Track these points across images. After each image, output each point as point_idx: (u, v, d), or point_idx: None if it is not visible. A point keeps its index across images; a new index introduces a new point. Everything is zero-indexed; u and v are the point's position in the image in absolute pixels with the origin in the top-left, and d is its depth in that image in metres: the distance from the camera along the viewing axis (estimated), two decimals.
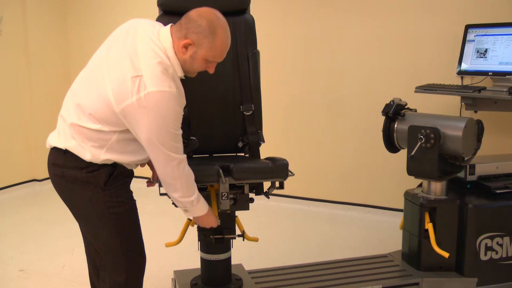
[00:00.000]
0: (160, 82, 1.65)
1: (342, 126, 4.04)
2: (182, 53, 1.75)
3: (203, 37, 1.73)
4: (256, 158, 2.26)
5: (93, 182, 1.76)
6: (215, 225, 2.02)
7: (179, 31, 1.75)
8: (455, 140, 2.43)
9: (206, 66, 1.81)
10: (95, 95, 1.72)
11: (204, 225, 2.00)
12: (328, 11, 3.97)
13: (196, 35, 1.73)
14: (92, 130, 1.72)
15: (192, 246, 2.51)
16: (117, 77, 1.68)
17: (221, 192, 1.99)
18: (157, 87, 1.64)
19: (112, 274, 1.86)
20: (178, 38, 1.75)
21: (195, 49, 1.74)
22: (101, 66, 1.75)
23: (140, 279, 1.94)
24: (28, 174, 4.86)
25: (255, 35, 2.33)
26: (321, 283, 2.52)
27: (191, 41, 1.73)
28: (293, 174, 2.08)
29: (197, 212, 1.93)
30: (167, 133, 1.69)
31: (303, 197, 4.21)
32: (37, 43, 4.78)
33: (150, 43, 1.73)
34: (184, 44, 1.74)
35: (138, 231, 1.91)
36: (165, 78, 1.67)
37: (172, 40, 1.76)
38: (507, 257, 2.59)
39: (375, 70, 3.86)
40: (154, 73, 1.66)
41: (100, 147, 1.74)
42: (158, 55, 1.71)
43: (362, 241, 3.51)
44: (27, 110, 4.77)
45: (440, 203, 2.56)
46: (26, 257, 3.27)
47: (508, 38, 2.95)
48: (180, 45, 1.74)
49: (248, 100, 2.29)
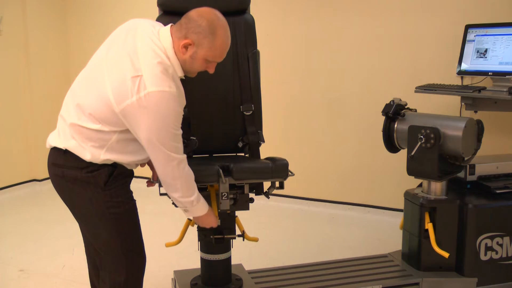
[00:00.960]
0: (160, 82, 1.65)
1: (342, 126, 4.04)
2: (182, 53, 1.75)
3: (203, 37, 1.73)
4: (256, 158, 2.26)
5: (93, 182, 1.76)
6: (215, 225, 2.02)
7: (179, 31, 1.75)
8: (455, 140, 2.43)
9: (206, 66, 1.82)
10: (95, 95, 1.72)
11: (204, 225, 2.01)
12: (328, 11, 3.97)
13: (196, 35, 1.73)
14: (92, 130, 1.72)
15: (192, 246, 2.51)
16: (117, 77, 1.68)
17: (221, 192, 1.99)
18: (157, 87, 1.64)
19: (112, 274, 1.87)
20: (178, 38, 1.75)
21: (195, 49, 1.74)
22: (101, 66, 1.75)
23: (140, 279, 1.94)
24: (28, 174, 4.86)
25: (255, 35, 2.33)
26: (321, 283, 2.53)
27: (191, 41, 1.73)
28: (293, 174, 2.08)
29: (197, 212, 1.93)
30: (167, 133, 1.69)
31: (303, 197, 4.21)
32: (37, 43, 4.78)
33: (150, 43, 1.73)
34: (184, 44, 1.74)
35: (138, 231, 1.91)
36: (165, 78, 1.67)
37: (172, 40, 1.76)
38: (507, 257, 2.59)
39: (375, 70, 3.86)
40: (154, 73, 1.66)
41: (100, 147, 1.74)
42: (158, 55, 1.71)
43: (362, 241, 3.51)
44: (27, 110, 4.77)
45: (440, 203, 2.56)
46: (26, 257, 3.27)
47: (508, 38, 2.95)
48: (180, 45, 1.74)
49: (248, 100, 2.29)
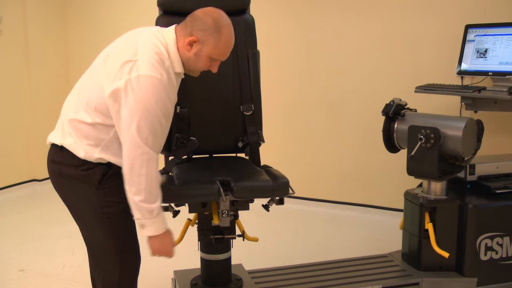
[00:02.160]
0: (153, 69, 1.66)
1: (342, 126, 4.04)
2: (187, 50, 1.76)
3: (208, 35, 1.74)
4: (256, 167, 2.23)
5: (87, 180, 1.76)
6: (170, 253, 1.83)
7: (184, 29, 1.77)
8: (455, 140, 2.43)
9: (209, 64, 1.82)
10: (93, 85, 1.74)
11: (160, 251, 1.82)
12: (328, 11, 3.97)
13: (202, 33, 1.74)
14: (88, 126, 1.72)
15: (192, 246, 2.51)
16: (113, 62, 1.70)
17: (222, 210, 1.97)
18: (149, 72, 1.65)
19: (106, 274, 1.86)
20: (183, 36, 1.76)
21: (200, 46, 1.75)
22: (102, 62, 1.77)
23: (134, 280, 1.92)
24: (28, 174, 4.86)
25: (255, 35, 2.33)
26: (321, 283, 2.53)
27: (196, 38, 1.74)
28: (293, 192, 2.05)
29: (155, 228, 1.75)
30: (147, 120, 1.64)
31: (303, 197, 4.21)
32: (37, 43, 4.78)
33: (153, 38, 1.75)
34: (190, 41, 1.75)
35: (132, 231, 1.88)
36: (159, 67, 1.68)
37: (175, 37, 1.77)
38: (507, 257, 2.59)
39: (375, 70, 3.86)
40: (149, 61, 1.67)
41: (95, 146, 1.74)
42: (157, 47, 1.72)
43: (362, 241, 3.51)
44: (27, 110, 4.77)
45: (440, 203, 2.56)
46: (26, 257, 3.27)
47: (508, 38, 2.95)
48: (185, 42, 1.75)
49: (248, 100, 2.29)
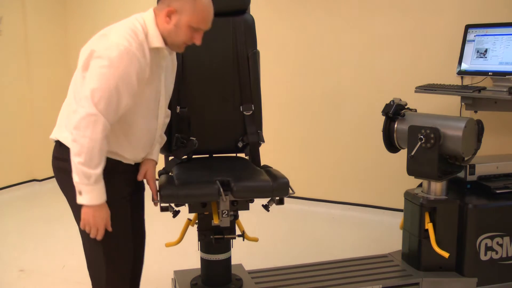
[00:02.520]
0: (123, 38, 1.68)
1: (342, 126, 4.04)
2: (167, 22, 1.77)
3: (185, 2, 1.75)
4: (256, 167, 2.23)
5: None
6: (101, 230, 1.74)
7: (162, 3, 1.79)
8: (455, 140, 2.43)
9: (191, 36, 1.80)
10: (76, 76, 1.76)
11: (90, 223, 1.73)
12: (328, 11, 3.97)
13: (179, 2, 1.75)
14: None
15: (192, 246, 2.51)
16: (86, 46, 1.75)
17: (222, 210, 1.98)
18: (117, 39, 1.67)
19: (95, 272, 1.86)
20: (160, 10, 1.78)
21: (178, 16, 1.76)
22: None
23: (123, 277, 1.90)
24: (28, 174, 4.87)
25: (255, 35, 2.33)
26: (321, 283, 2.53)
27: (173, 9, 1.75)
28: (293, 192, 2.06)
29: (91, 197, 1.69)
30: (104, 84, 1.64)
31: (303, 197, 4.21)
32: (37, 43, 4.79)
33: (129, 19, 1.78)
34: (168, 13, 1.76)
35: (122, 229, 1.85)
36: (128, 37, 1.69)
37: (154, 15, 1.79)
38: (507, 257, 2.59)
39: (375, 70, 3.86)
40: (120, 32, 1.70)
41: None
42: (133, 24, 1.75)
43: (362, 241, 3.51)
44: (27, 110, 4.78)
45: (440, 203, 2.56)
46: (26, 257, 3.27)
47: (508, 38, 2.95)
48: (164, 15, 1.76)
49: (248, 100, 2.29)
